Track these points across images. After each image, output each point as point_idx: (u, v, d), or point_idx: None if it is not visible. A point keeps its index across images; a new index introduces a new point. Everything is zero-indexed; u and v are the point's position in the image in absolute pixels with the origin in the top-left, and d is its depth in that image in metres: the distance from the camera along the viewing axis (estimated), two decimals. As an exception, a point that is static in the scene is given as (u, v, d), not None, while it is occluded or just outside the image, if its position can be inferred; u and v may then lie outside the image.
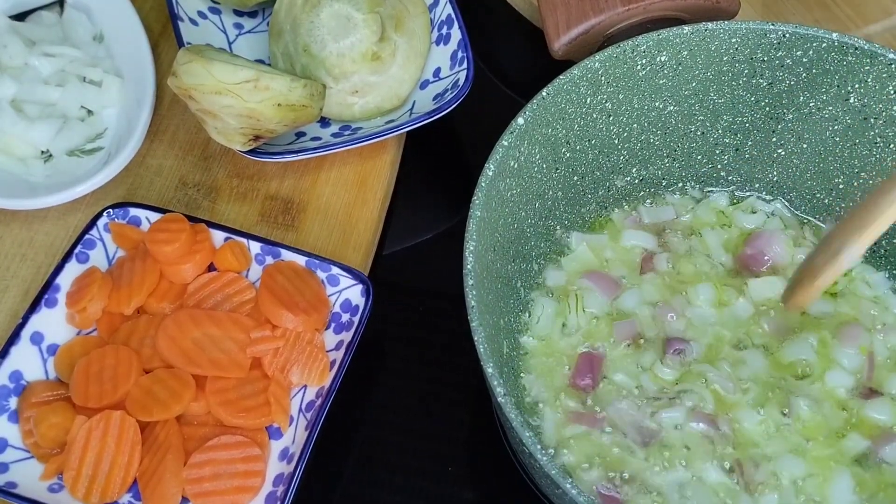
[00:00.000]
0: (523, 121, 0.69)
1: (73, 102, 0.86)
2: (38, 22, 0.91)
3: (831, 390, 0.72)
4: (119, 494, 0.68)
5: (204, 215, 0.84)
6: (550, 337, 0.75)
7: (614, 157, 0.79)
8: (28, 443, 0.70)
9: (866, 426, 0.71)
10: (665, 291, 0.77)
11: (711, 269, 0.78)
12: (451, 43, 0.88)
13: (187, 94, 0.76)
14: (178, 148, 0.89)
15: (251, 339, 0.74)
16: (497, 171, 0.67)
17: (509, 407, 0.58)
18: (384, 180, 0.87)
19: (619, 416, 0.71)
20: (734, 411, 0.71)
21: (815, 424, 0.71)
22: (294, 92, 0.77)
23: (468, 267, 0.63)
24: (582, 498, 0.56)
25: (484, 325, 0.61)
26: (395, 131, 0.83)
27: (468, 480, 0.76)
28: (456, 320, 0.68)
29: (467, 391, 0.80)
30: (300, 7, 0.85)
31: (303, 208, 0.86)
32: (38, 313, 0.74)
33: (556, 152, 0.74)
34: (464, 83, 0.84)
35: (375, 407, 0.79)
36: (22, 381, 0.72)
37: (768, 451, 0.70)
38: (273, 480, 0.70)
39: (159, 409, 0.70)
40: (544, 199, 0.75)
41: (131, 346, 0.74)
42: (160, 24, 0.94)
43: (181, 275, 0.77)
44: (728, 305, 0.76)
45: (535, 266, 0.77)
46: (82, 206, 0.84)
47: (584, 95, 0.72)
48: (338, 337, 0.76)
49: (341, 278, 0.77)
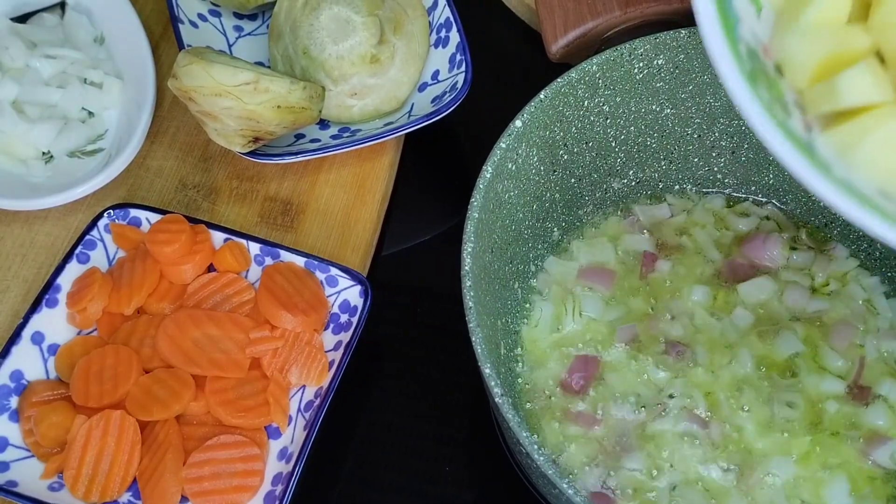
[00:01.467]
0: (521, 123, 0.69)
1: (74, 104, 0.86)
2: (39, 24, 0.91)
3: (823, 392, 0.73)
4: (119, 493, 0.69)
5: (204, 216, 0.84)
6: (548, 338, 0.75)
7: (611, 159, 0.79)
8: (28, 442, 0.71)
9: (860, 428, 0.71)
10: (664, 294, 0.77)
11: (707, 271, 0.78)
12: (449, 46, 0.88)
13: (187, 95, 0.76)
14: (178, 149, 0.89)
15: (250, 339, 0.74)
16: (495, 173, 0.67)
17: (507, 407, 0.58)
18: (383, 182, 0.88)
19: (614, 418, 0.72)
20: (728, 413, 0.71)
21: (808, 426, 0.71)
22: (293, 94, 0.78)
23: (466, 268, 0.63)
24: (578, 498, 0.56)
25: (482, 326, 0.62)
26: (394, 133, 0.83)
27: (466, 480, 0.76)
28: (454, 321, 0.69)
29: (465, 392, 0.80)
30: (300, 10, 0.86)
31: (302, 209, 0.86)
32: (39, 313, 0.74)
33: (553, 155, 0.74)
34: (462, 86, 0.84)
35: (373, 407, 0.79)
36: (23, 381, 0.73)
37: (762, 453, 0.70)
38: (272, 480, 0.70)
39: (159, 409, 0.70)
40: (542, 201, 0.76)
41: (131, 346, 0.74)
42: (160, 26, 0.95)
43: (181, 275, 0.77)
44: (725, 308, 0.76)
45: (532, 267, 0.78)
46: (83, 207, 0.84)
47: (581, 98, 0.73)
48: (336, 337, 0.76)
49: (340, 279, 0.77)
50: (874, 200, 0.49)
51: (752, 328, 0.75)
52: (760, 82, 0.51)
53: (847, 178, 0.50)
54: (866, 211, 0.47)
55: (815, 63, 0.52)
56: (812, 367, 0.74)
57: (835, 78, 0.50)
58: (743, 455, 0.70)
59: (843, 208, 0.47)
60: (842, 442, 0.71)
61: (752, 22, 0.54)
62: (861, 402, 0.72)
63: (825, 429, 0.71)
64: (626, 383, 0.73)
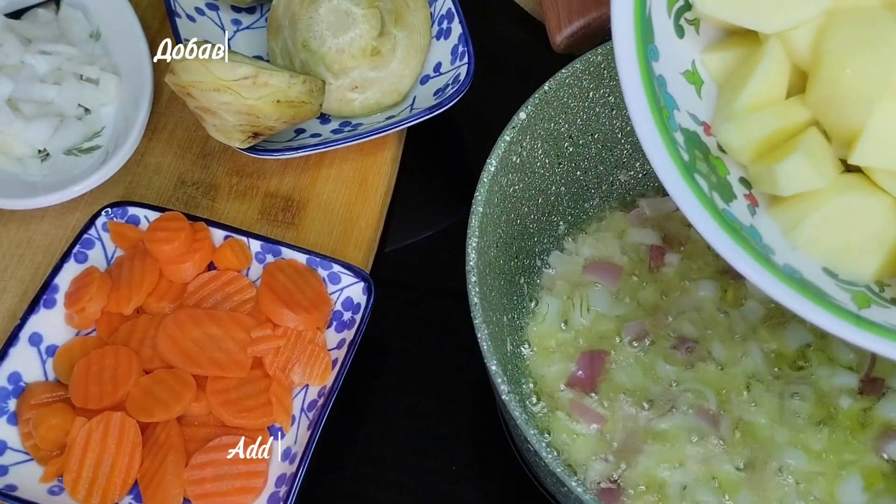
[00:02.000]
0: (525, 115, 0.68)
1: (70, 101, 0.86)
2: (34, 20, 0.90)
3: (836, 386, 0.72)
4: (120, 496, 0.68)
5: (203, 213, 0.83)
6: (554, 334, 0.75)
7: (617, 151, 0.78)
8: (27, 445, 0.70)
9: (873, 423, 0.71)
10: (672, 289, 0.76)
11: (716, 264, 0.77)
12: (451, 37, 0.88)
13: (185, 91, 0.76)
14: (176, 146, 0.88)
15: (252, 338, 0.73)
16: (499, 166, 0.67)
17: (513, 404, 0.58)
18: (385, 177, 0.87)
19: (622, 414, 0.71)
20: (738, 408, 0.71)
21: (821, 421, 0.71)
22: (293, 88, 0.77)
23: (471, 263, 0.63)
24: (588, 496, 0.56)
25: (487, 323, 0.61)
26: (396, 127, 0.82)
27: (472, 479, 0.76)
28: (459, 318, 0.68)
29: (471, 389, 0.80)
30: (299, 2, 0.85)
31: (303, 206, 0.85)
32: (37, 314, 0.74)
33: (558, 147, 0.73)
34: (465, 78, 0.83)
35: (378, 405, 0.79)
36: (21, 383, 0.72)
37: (774, 448, 0.69)
38: (275, 481, 0.69)
39: (160, 410, 0.70)
40: (547, 194, 0.75)
41: (131, 346, 0.73)
42: (157, 20, 0.94)
43: (181, 274, 0.77)
44: (734, 303, 0.76)
45: (538, 262, 0.77)
46: (80, 206, 0.84)
47: (586, 89, 0.72)
48: (339, 335, 0.75)
49: (342, 276, 0.76)
50: (814, 284, 0.50)
51: (761, 322, 0.75)
52: (700, 168, 0.52)
53: (789, 261, 0.51)
54: (802, 298, 0.48)
55: (754, 145, 0.53)
56: (823, 359, 0.73)
57: (773, 167, 0.51)
58: (754, 450, 0.70)
59: (775, 293, 0.48)
60: (855, 437, 0.70)
61: (692, 103, 0.55)
62: (874, 395, 0.72)
63: (838, 424, 0.71)
64: (635, 379, 0.73)
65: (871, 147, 0.50)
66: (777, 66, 0.53)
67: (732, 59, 0.56)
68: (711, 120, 0.55)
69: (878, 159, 0.51)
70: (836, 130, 0.52)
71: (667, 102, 0.52)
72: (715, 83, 0.56)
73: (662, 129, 0.51)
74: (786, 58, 0.53)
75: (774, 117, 0.53)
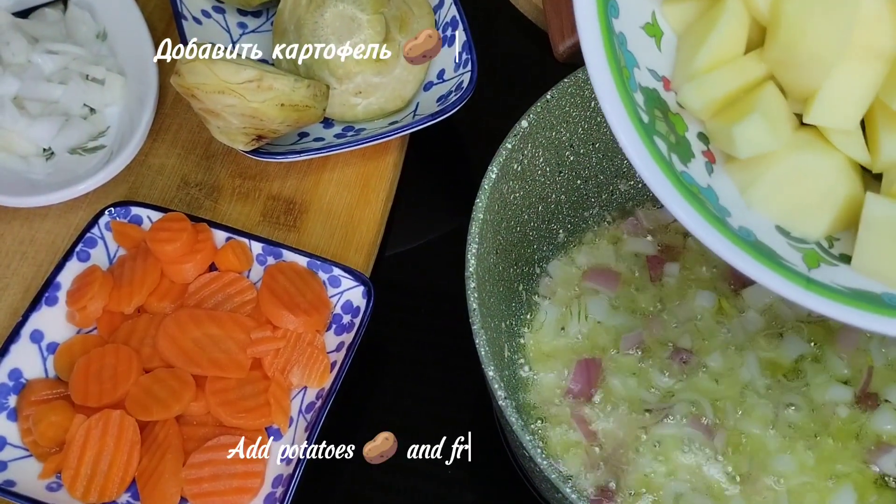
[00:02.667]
0: (527, 123, 0.68)
1: (76, 100, 0.86)
2: (41, 19, 0.91)
3: (830, 399, 0.72)
4: (118, 494, 0.68)
5: (206, 215, 0.84)
6: (552, 342, 0.75)
7: (618, 160, 0.78)
8: (27, 441, 0.70)
9: (867, 436, 0.71)
10: (670, 298, 0.76)
11: (712, 274, 0.78)
12: (455, 45, 0.88)
13: (190, 92, 0.76)
14: (180, 147, 0.89)
15: (252, 339, 0.74)
16: (500, 173, 0.67)
17: (510, 410, 0.58)
18: (387, 182, 0.87)
19: (618, 422, 0.71)
20: (733, 419, 0.71)
21: (815, 433, 0.71)
22: (297, 92, 0.77)
23: (470, 269, 0.63)
24: (581, 502, 0.56)
25: (486, 329, 0.61)
26: (399, 133, 0.83)
27: (468, 483, 0.76)
28: (457, 323, 0.68)
29: (468, 394, 0.80)
30: (304, 7, 0.85)
31: (305, 209, 0.85)
32: (39, 311, 0.74)
33: (559, 155, 0.74)
34: (468, 85, 0.84)
35: (375, 409, 0.79)
36: (21, 380, 0.72)
37: (768, 459, 0.70)
38: (272, 482, 0.69)
39: (159, 409, 0.70)
40: (547, 202, 0.75)
41: (131, 345, 0.74)
42: (164, 22, 0.94)
43: (182, 274, 0.77)
44: (731, 313, 0.76)
45: (537, 269, 0.77)
46: (84, 205, 0.84)
47: (588, 99, 0.72)
48: (339, 338, 0.75)
49: (343, 279, 0.77)
50: (767, 247, 0.50)
51: (758, 332, 0.75)
52: (660, 129, 0.52)
53: (744, 222, 0.51)
54: (755, 262, 0.48)
55: (713, 104, 0.53)
56: (818, 370, 0.73)
57: (731, 129, 0.51)
58: (748, 461, 0.70)
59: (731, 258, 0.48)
60: (848, 449, 0.70)
61: (652, 57, 0.54)
62: (868, 408, 0.72)
63: (831, 436, 0.71)
64: (631, 388, 0.73)
65: (825, 108, 0.51)
66: (736, 22, 0.52)
67: (693, 9, 0.55)
68: (671, 76, 0.55)
69: (832, 119, 0.51)
70: (792, 88, 0.52)
71: (627, 61, 0.52)
72: (675, 34, 0.56)
73: (623, 92, 0.50)
74: (745, 13, 0.53)
75: (733, 75, 0.53)
